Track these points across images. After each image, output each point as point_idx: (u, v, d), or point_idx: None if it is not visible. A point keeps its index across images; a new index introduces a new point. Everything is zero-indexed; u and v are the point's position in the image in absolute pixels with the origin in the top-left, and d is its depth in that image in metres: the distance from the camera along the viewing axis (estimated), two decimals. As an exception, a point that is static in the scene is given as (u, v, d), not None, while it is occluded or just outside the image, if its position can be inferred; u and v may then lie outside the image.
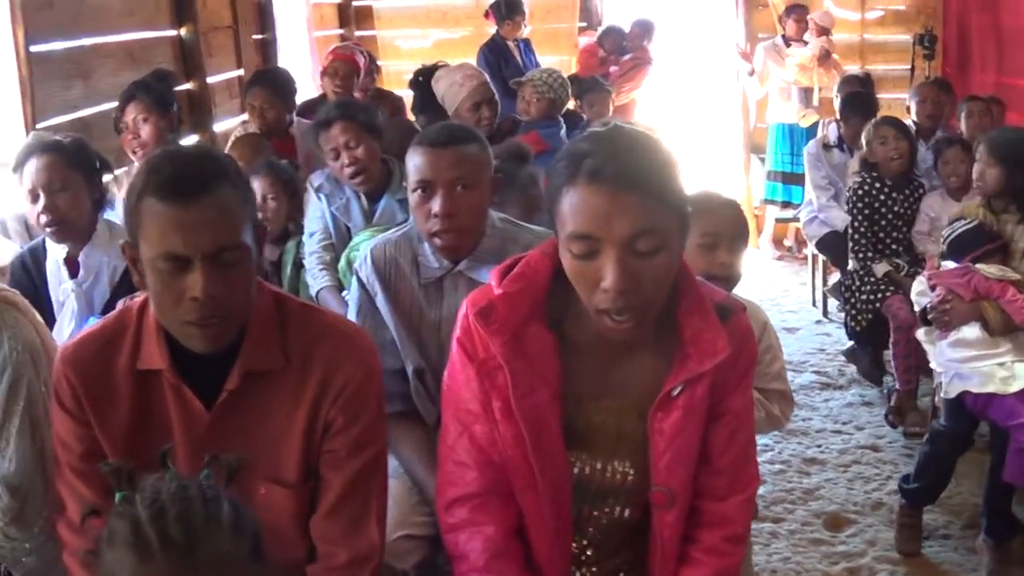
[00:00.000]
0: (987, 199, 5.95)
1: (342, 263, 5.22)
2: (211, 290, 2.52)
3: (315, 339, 2.81)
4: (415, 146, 3.86)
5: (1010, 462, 5.02)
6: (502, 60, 10.28)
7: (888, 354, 7.34)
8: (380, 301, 3.86)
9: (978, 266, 5.61)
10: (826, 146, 8.95)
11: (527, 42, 10.71)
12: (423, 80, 7.45)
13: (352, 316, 3.94)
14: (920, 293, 5.83)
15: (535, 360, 2.62)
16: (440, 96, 6.95)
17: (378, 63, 9.86)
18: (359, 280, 3.92)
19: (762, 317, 4.04)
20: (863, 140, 7.66)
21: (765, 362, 3.95)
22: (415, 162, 3.80)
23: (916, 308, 5.92)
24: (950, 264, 5.77)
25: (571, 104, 8.53)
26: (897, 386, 7.14)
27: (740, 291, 8.38)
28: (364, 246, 4.13)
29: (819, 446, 6.91)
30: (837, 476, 6.51)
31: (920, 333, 5.91)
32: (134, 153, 5.91)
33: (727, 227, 3.88)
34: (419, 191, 3.77)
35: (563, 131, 7.38)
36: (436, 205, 3.70)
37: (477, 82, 6.83)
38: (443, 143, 3.80)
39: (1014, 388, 5.27)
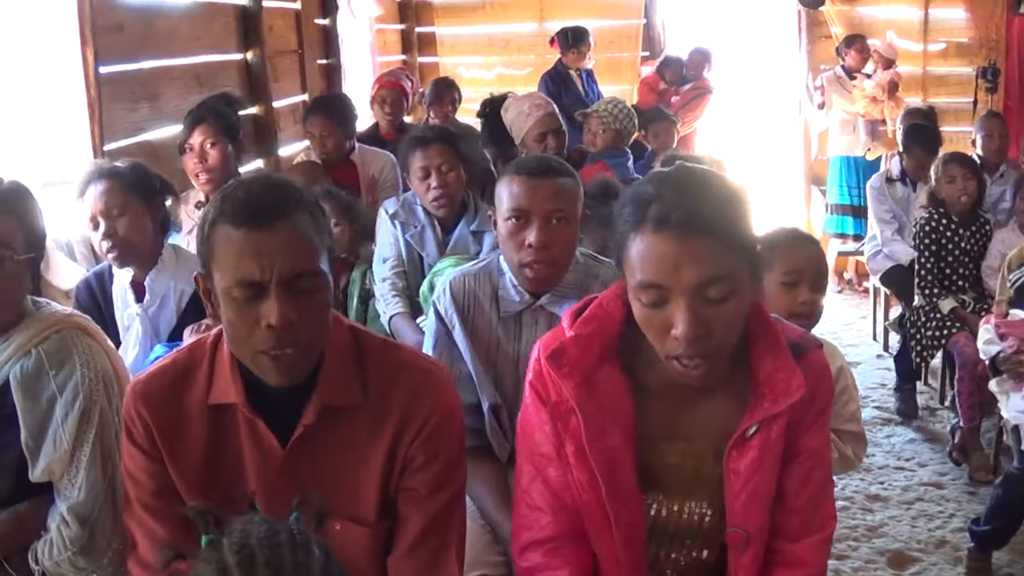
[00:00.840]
0: None
1: (424, 287, 5.22)
2: (287, 317, 2.49)
3: (395, 375, 2.77)
4: (511, 175, 3.85)
5: None
6: (563, 89, 10.29)
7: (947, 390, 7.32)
8: (457, 334, 3.85)
9: None
10: (889, 180, 8.88)
11: (590, 72, 10.72)
12: (490, 111, 7.45)
13: (429, 348, 3.93)
14: (988, 342, 5.78)
15: (608, 403, 2.60)
16: (508, 125, 6.94)
17: (459, 92, 9.80)
18: (437, 312, 3.90)
19: (838, 360, 4.03)
20: (931, 176, 7.62)
21: (840, 403, 3.94)
22: (511, 190, 3.78)
23: (984, 357, 5.87)
24: (1019, 312, 5.70)
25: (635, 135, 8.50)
26: (961, 423, 7.04)
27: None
28: (442, 278, 4.11)
29: (882, 483, 6.84)
30: (901, 513, 6.42)
31: (992, 384, 5.85)
32: (196, 177, 5.92)
33: (809, 265, 3.91)
34: (513, 220, 3.76)
35: (630, 161, 7.38)
36: (531, 236, 3.70)
37: (544, 112, 6.82)
38: (541, 174, 3.79)
39: None
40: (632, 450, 2.62)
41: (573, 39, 10.51)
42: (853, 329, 10.39)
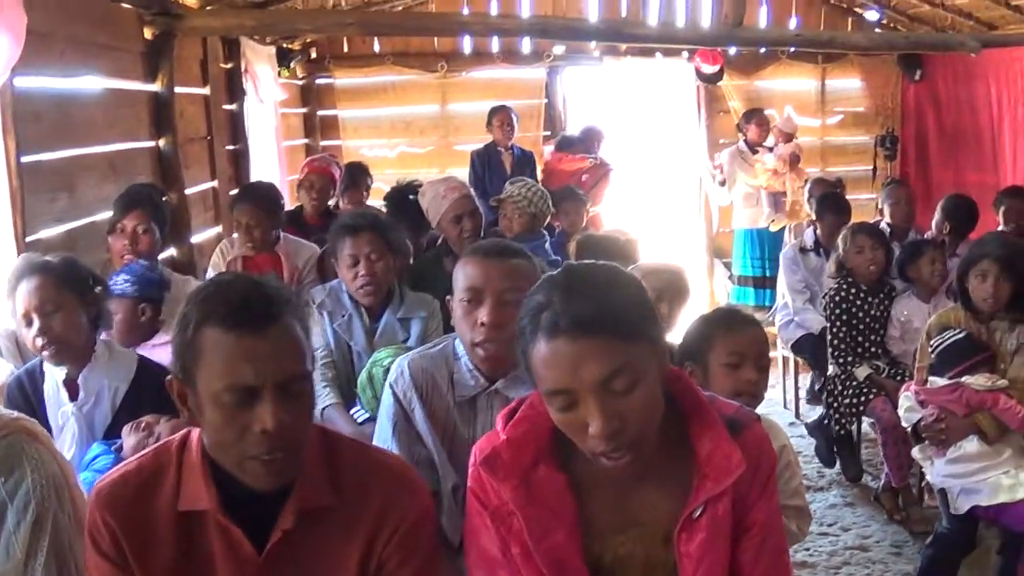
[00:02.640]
0: (968, 304, 5.97)
1: (362, 377, 5.15)
2: (282, 422, 2.48)
3: (368, 476, 2.77)
4: (466, 257, 3.89)
5: None
6: (487, 167, 10.45)
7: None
8: (417, 416, 3.85)
9: (966, 380, 5.68)
10: (803, 250, 9.00)
11: (524, 151, 10.83)
12: (396, 198, 7.53)
13: (387, 432, 3.92)
14: (909, 409, 5.91)
15: (548, 502, 2.60)
16: (425, 208, 6.97)
17: (370, 179, 9.84)
18: (395, 395, 3.90)
19: (781, 438, 4.09)
20: (839, 245, 7.72)
21: (784, 479, 3.97)
22: (466, 271, 3.82)
23: (905, 424, 5.99)
24: (938, 380, 5.82)
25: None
26: (893, 483, 7.19)
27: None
28: (396, 360, 4.09)
29: (808, 549, 6.88)
30: (829, 580, 6.50)
31: (915, 451, 5.99)
32: (122, 258, 5.90)
33: (751, 346, 3.98)
34: (467, 300, 3.79)
35: (548, 243, 7.43)
36: (484, 315, 3.72)
37: (459, 195, 6.83)
38: (495, 254, 3.84)
39: (1022, 495, 5.36)
40: (579, 547, 2.62)
41: (490, 113, 10.70)
42: (764, 398, 10.33)
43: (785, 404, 9.99)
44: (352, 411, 5.18)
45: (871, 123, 12.78)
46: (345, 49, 12.36)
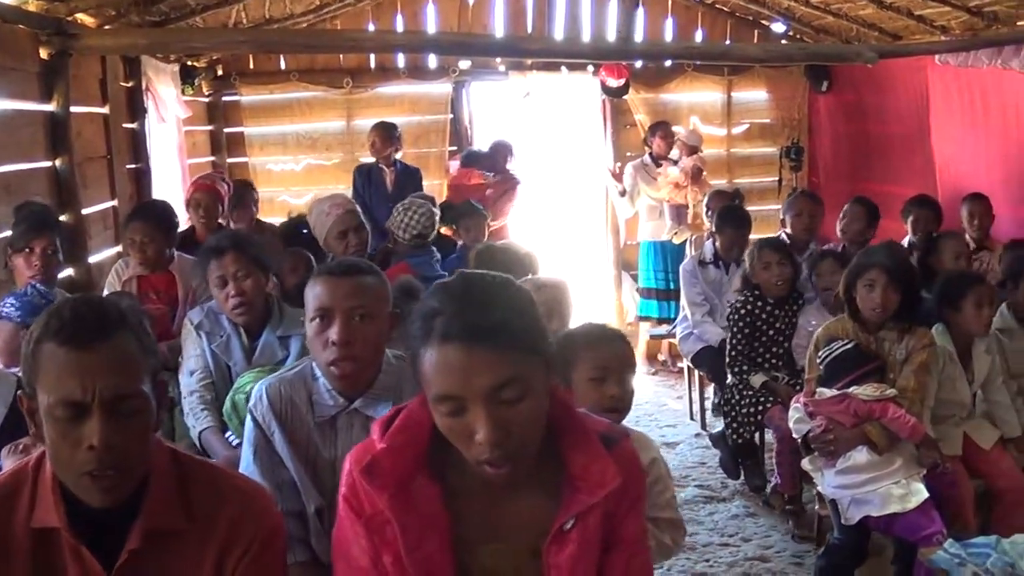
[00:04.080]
0: (855, 315, 6.02)
1: (227, 405, 5.15)
2: (108, 439, 2.48)
3: (217, 499, 2.75)
4: (315, 277, 3.93)
5: (918, 571, 5.09)
6: (368, 183, 10.41)
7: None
8: (277, 440, 3.85)
9: (854, 390, 5.72)
10: (702, 263, 9.00)
11: (409, 169, 10.71)
12: (290, 233, 7.74)
13: (248, 457, 3.91)
14: (798, 420, 5.94)
15: (423, 511, 2.59)
16: (312, 226, 6.97)
17: (256, 193, 9.81)
18: (254, 420, 3.89)
19: (652, 451, 4.13)
20: (746, 261, 7.78)
21: (655, 492, 4.01)
22: (315, 292, 3.85)
23: (795, 436, 6.03)
24: (826, 391, 5.85)
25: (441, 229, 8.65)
26: (784, 492, 7.25)
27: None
28: (256, 385, 4.08)
29: (707, 560, 6.90)
30: (728, 590, 6.50)
31: (805, 463, 6.02)
32: (26, 279, 5.91)
33: (615, 361, 3.99)
34: (318, 320, 3.81)
35: (435, 259, 7.49)
36: (334, 333, 3.75)
37: (344, 210, 6.88)
38: (342, 273, 3.87)
39: (913, 504, 5.40)
40: (449, 557, 2.62)
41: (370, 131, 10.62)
42: (669, 410, 10.51)
43: (691, 416, 10.03)
44: (228, 435, 5.14)
45: (777, 134, 12.84)
46: (251, 66, 12.26)
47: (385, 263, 7.14)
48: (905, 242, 8.63)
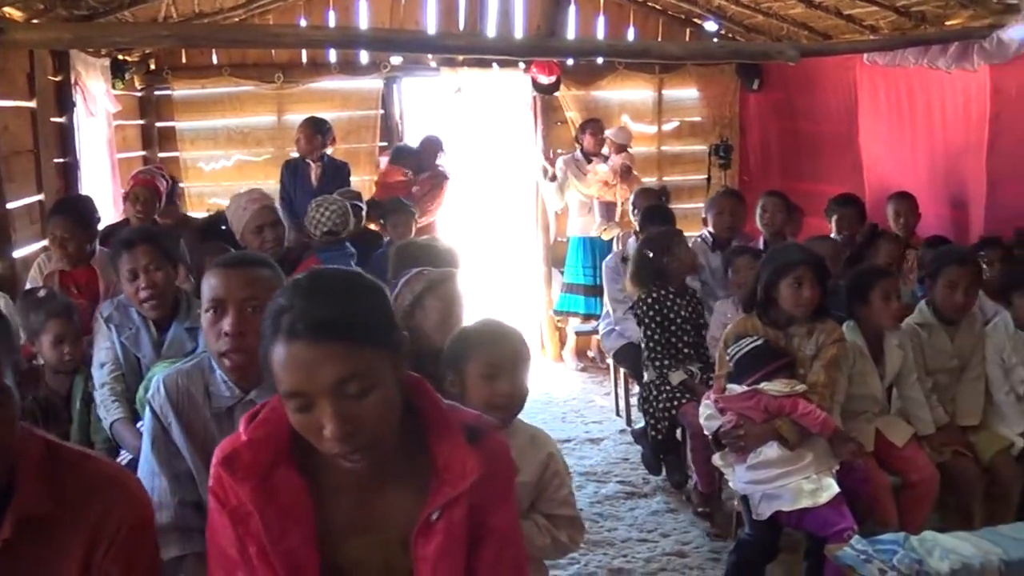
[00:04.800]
0: (765, 313, 6.05)
1: (140, 394, 5.11)
2: None
3: (88, 487, 2.74)
4: (209, 269, 3.92)
5: (830, 566, 5.07)
6: (294, 178, 10.44)
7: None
8: (174, 431, 3.83)
9: (763, 386, 5.77)
10: (624, 260, 8.93)
11: (336, 163, 10.75)
12: (207, 229, 7.74)
13: (145, 447, 3.90)
14: (709, 417, 5.98)
15: (286, 504, 2.61)
16: (230, 221, 6.96)
17: (180, 186, 9.80)
18: (152, 411, 3.88)
19: (549, 446, 4.12)
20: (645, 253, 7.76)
21: (552, 487, 4.04)
22: (209, 283, 3.86)
23: (706, 432, 6.07)
24: (736, 387, 5.90)
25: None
26: (700, 489, 7.30)
27: (543, 411, 8.46)
28: (156, 376, 4.09)
29: (625, 556, 6.93)
30: (644, 584, 6.52)
31: (716, 459, 6.06)
32: None
33: (507, 359, 3.98)
34: (211, 311, 3.82)
35: (348, 254, 7.56)
36: (227, 325, 3.75)
37: (260, 205, 6.89)
38: (235, 264, 3.89)
39: (824, 499, 5.45)
40: (314, 550, 2.62)
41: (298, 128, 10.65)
42: (596, 406, 10.56)
43: (617, 412, 10.09)
44: (139, 424, 5.12)
45: (708, 132, 12.86)
46: (183, 60, 12.16)
47: (300, 258, 7.15)
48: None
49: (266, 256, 4.19)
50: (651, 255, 7.55)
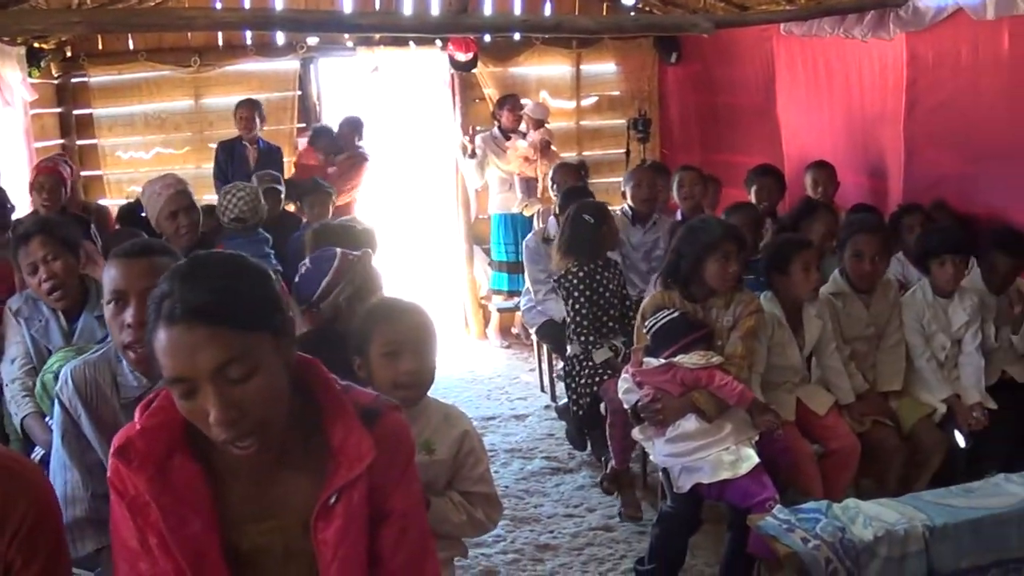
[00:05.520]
0: (684, 287, 6.04)
1: (38, 387, 5.12)
2: None
3: None
4: (110, 259, 3.88)
5: (754, 537, 4.97)
6: (230, 159, 10.49)
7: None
8: (84, 423, 3.79)
9: (679, 359, 5.76)
10: (546, 240, 8.91)
11: (270, 146, 10.83)
12: (126, 217, 7.79)
13: (56, 440, 3.86)
14: (627, 391, 5.97)
15: (183, 492, 2.59)
16: (145, 207, 6.90)
17: (80, 174, 9.72)
18: (61, 403, 3.84)
19: (463, 424, 4.10)
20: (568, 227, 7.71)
21: (467, 466, 4.02)
22: (110, 274, 3.81)
23: (625, 405, 6.05)
24: (653, 360, 5.88)
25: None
26: (614, 465, 7.26)
27: (468, 389, 8.44)
28: (63, 368, 4.03)
29: (551, 532, 6.94)
30: (571, 560, 6.54)
31: (635, 432, 6.05)
32: None
33: (408, 335, 3.94)
34: (113, 303, 3.78)
35: (258, 240, 7.54)
36: (129, 316, 3.71)
37: (175, 190, 6.77)
38: (135, 254, 3.84)
39: (744, 470, 5.44)
40: (216, 536, 2.61)
41: (235, 108, 10.70)
42: (520, 383, 10.56)
43: (542, 388, 10.08)
44: (48, 419, 5.08)
45: (627, 106, 12.83)
46: (100, 47, 12.02)
47: (209, 244, 7.10)
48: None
49: (166, 244, 4.17)
50: (592, 221, 7.49)
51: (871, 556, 4.47)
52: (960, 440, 6.52)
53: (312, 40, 11.99)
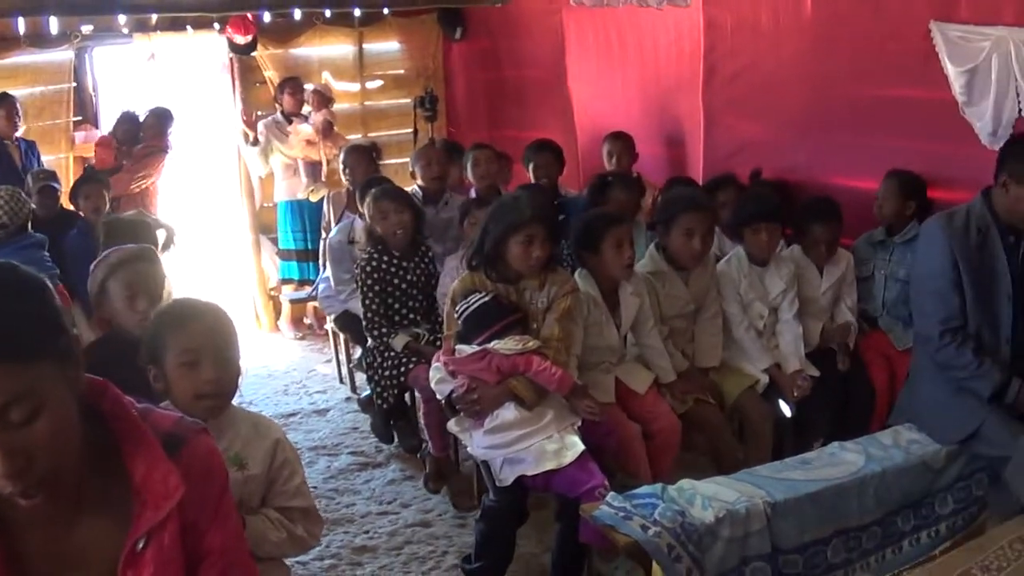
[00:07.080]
0: (491, 268, 5.78)
1: None
2: None
3: None
4: None
5: (585, 526, 4.90)
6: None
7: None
8: None
9: (494, 345, 5.52)
10: (352, 242, 8.68)
11: (29, 143, 10.36)
12: None
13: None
14: (440, 381, 5.73)
15: None
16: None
17: None
18: None
19: (274, 434, 3.87)
20: (365, 213, 7.61)
21: (283, 478, 3.81)
22: None
23: (439, 397, 5.80)
24: (466, 348, 5.64)
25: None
26: (432, 452, 7.06)
27: (264, 385, 8.18)
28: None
29: (367, 532, 6.68)
30: (391, 561, 6.29)
31: (451, 425, 5.81)
32: None
33: (206, 341, 3.68)
34: None
35: (32, 243, 7.30)
36: None
37: None
38: None
39: (569, 458, 5.22)
40: None
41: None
42: (318, 375, 10.29)
43: (341, 379, 9.86)
44: None
45: (412, 85, 12.62)
46: None
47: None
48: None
49: None
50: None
51: (713, 538, 4.43)
52: (785, 409, 6.51)
53: (87, 28, 11.45)
